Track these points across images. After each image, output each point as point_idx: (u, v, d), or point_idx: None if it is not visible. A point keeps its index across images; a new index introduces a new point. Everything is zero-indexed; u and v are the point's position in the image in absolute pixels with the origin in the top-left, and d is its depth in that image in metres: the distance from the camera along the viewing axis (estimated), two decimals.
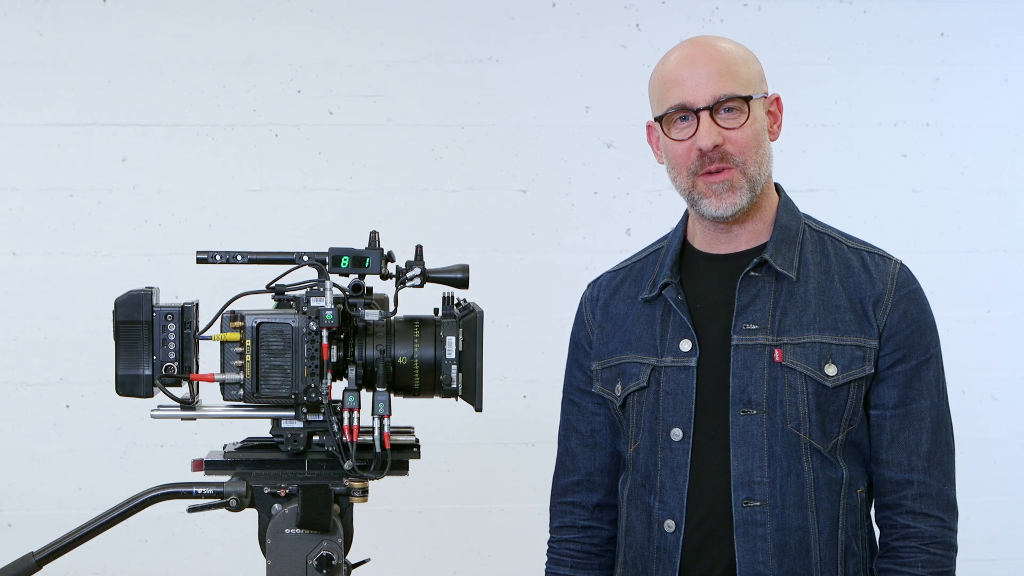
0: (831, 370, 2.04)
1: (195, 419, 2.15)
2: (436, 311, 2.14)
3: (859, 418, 2.07)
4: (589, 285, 2.31)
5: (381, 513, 2.62)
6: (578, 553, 2.27)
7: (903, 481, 2.06)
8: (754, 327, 2.07)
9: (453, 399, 2.13)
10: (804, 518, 2.04)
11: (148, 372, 2.08)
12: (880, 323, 2.06)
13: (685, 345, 2.10)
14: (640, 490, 2.14)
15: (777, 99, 2.14)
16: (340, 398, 2.07)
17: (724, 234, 2.13)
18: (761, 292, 2.08)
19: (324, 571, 2.07)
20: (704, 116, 2.05)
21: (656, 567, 2.11)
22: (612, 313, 2.22)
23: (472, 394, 2.11)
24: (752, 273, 2.09)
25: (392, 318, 2.11)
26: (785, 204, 2.16)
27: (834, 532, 2.05)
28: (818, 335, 2.05)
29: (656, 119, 2.12)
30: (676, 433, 2.09)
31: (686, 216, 2.22)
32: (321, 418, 2.09)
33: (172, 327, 2.08)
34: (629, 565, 2.18)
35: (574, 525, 2.27)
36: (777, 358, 2.05)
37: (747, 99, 2.06)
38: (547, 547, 2.31)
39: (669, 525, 2.09)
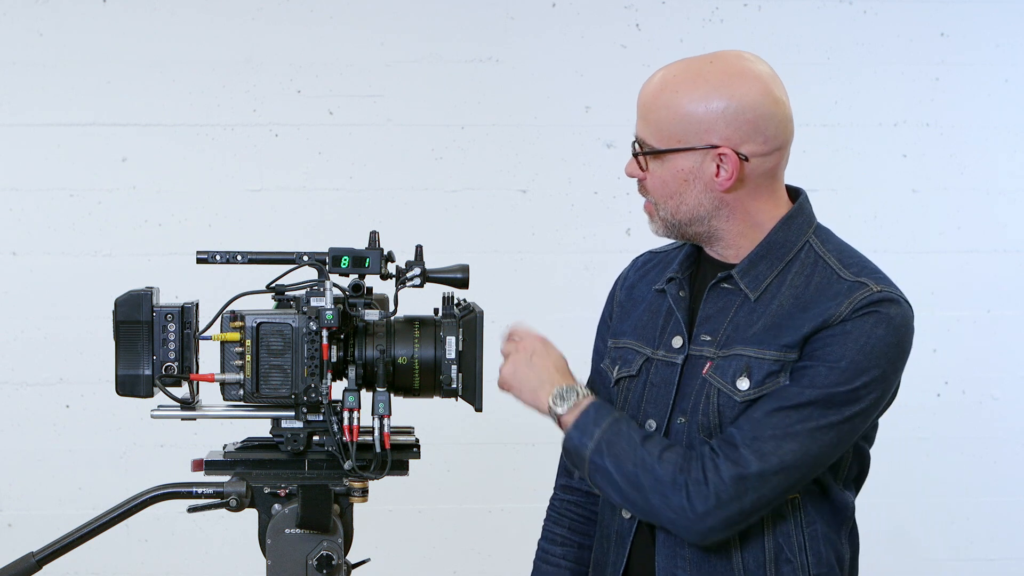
0: (743, 384, 2.00)
1: (195, 419, 2.15)
2: (436, 311, 2.14)
3: None
4: (632, 261, 2.31)
5: (381, 513, 2.62)
6: (577, 516, 2.28)
7: (723, 434, 1.99)
8: (707, 339, 2.06)
9: (453, 399, 2.13)
10: None
11: (148, 372, 2.08)
12: (807, 334, 1.97)
13: (677, 342, 2.10)
14: None
15: (721, 154, 1.99)
16: (340, 398, 2.07)
17: (707, 244, 2.12)
18: (726, 305, 2.06)
19: (324, 571, 2.07)
20: (634, 148, 2.07)
21: (613, 550, 2.13)
22: (635, 296, 2.23)
23: (472, 394, 2.11)
24: (724, 285, 2.07)
25: (392, 318, 2.11)
26: (789, 219, 2.07)
27: (758, 539, 2.02)
28: (742, 347, 2.01)
29: None
30: (651, 424, 2.09)
31: None
32: (321, 418, 2.09)
33: (172, 327, 2.09)
34: (598, 543, 2.21)
35: (579, 488, 2.28)
36: (703, 371, 2.04)
37: (657, 152, 2.02)
38: (549, 503, 2.32)
39: (626, 511, 2.10)
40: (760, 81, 2.02)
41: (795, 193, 2.12)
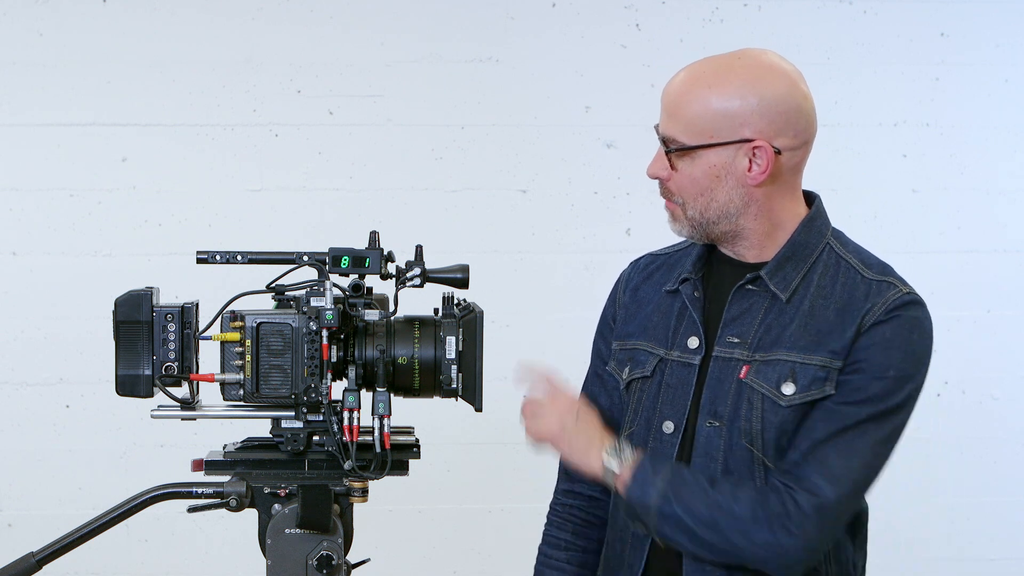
0: (788, 389, 2.00)
1: (195, 419, 2.15)
2: (436, 311, 2.14)
3: None
4: (631, 264, 2.30)
5: (381, 513, 2.62)
6: (580, 521, 2.28)
7: (788, 460, 1.99)
8: (735, 341, 2.05)
9: (453, 399, 2.13)
10: None
11: (148, 372, 2.08)
12: (850, 336, 1.98)
13: (693, 342, 2.10)
14: None
15: (757, 148, 2.00)
16: (340, 398, 2.07)
17: (727, 244, 2.11)
18: (753, 307, 2.06)
19: (324, 571, 2.07)
20: (660, 147, 2.05)
21: (629, 552, 2.13)
22: (640, 297, 2.22)
23: (472, 394, 2.11)
24: (748, 287, 2.07)
25: (392, 318, 2.11)
26: (810, 221, 2.09)
27: None
28: (786, 353, 2.01)
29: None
30: (668, 426, 2.09)
31: None
32: (321, 418, 2.09)
33: (172, 327, 2.09)
34: (610, 546, 2.20)
35: (581, 493, 2.28)
36: (742, 375, 2.03)
37: (689, 148, 2.01)
38: (549, 508, 2.32)
39: None
40: (788, 76, 2.05)
41: (808, 196, 2.13)
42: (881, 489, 2.26)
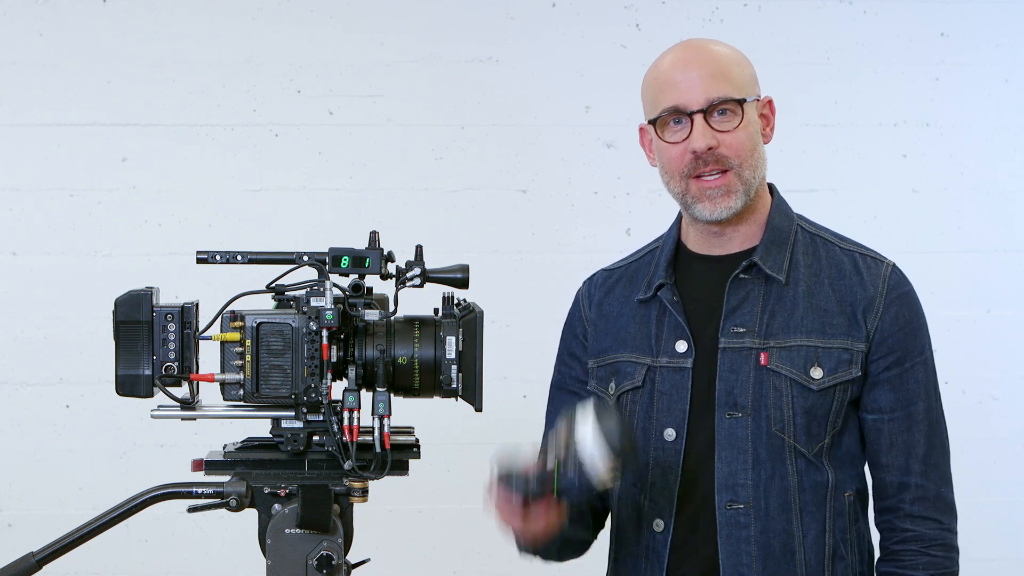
0: (816, 373, 2.04)
1: (195, 419, 2.15)
2: (436, 311, 2.14)
3: (843, 420, 2.07)
4: (585, 282, 2.33)
5: (381, 513, 2.62)
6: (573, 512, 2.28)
7: (901, 484, 2.08)
8: (741, 330, 2.07)
9: (453, 399, 2.13)
10: (788, 521, 2.05)
11: (148, 372, 2.08)
12: (871, 327, 2.07)
13: (681, 346, 2.11)
14: (631, 489, 2.15)
15: (769, 102, 2.15)
16: (340, 398, 2.07)
17: (717, 237, 2.14)
18: (750, 295, 2.09)
19: (324, 571, 2.07)
20: (698, 119, 2.06)
21: (645, 565, 2.12)
22: (606, 311, 2.23)
23: (472, 394, 2.11)
24: (742, 276, 2.10)
25: (392, 318, 2.11)
26: (778, 205, 2.16)
27: (820, 536, 2.05)
28: (805, 338, 2.06)
29: (650, 122, 2.13)
30: (669, 433, 2.09)
31: (679, 218, 2.23)
32: (321, 418, 2.09)
33: (172, 327, 2.09)
34: (620, 563, 2.19)
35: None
36: (763, 361, 2.05)
37: (741, 102, 2.07)
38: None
39: (658, 524, 2.10)
40: None
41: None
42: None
